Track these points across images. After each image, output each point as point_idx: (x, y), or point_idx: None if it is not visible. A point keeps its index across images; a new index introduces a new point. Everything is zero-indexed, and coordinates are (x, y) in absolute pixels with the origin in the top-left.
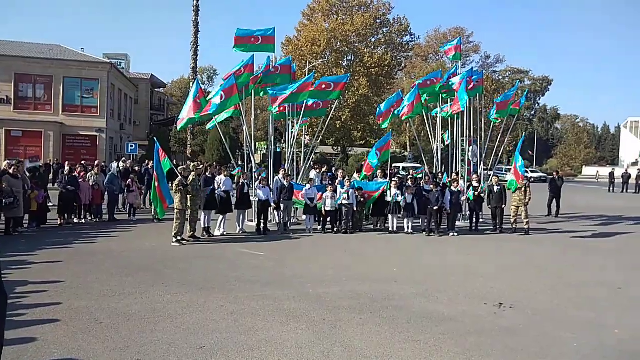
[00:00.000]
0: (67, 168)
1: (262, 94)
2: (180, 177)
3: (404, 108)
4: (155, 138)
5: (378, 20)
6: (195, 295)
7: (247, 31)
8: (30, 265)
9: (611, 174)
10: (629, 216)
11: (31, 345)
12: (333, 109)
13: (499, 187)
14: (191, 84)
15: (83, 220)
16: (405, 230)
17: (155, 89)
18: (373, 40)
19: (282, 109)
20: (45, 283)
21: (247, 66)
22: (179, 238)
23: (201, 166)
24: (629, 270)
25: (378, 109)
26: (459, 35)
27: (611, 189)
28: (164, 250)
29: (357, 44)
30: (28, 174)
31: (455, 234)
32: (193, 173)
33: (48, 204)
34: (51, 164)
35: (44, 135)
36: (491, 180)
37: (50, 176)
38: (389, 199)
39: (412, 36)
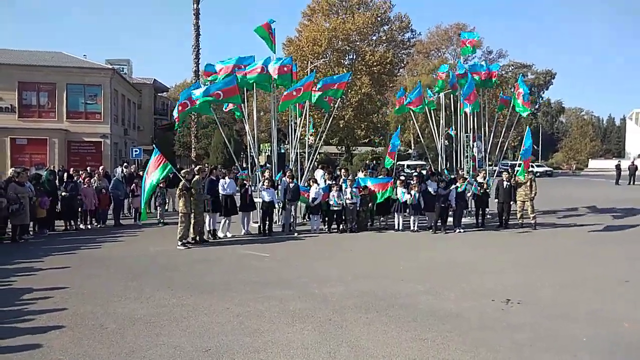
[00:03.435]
0: (66, 175)
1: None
2: (184, 180)
3: (411, 102)
4: (155, 144)
5: (379, 18)
6: (200, 298)
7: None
8: (37, 271)
9: (617, 167)
10: (637, 208)
11: (37, 352)
12: (335, 108)
13: (508, 183)
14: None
15: (89, 226)
16: (411, 228)
17: (158, 94)
18: (374, 38)
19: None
20: (51, 289)
21: (250, 69)
22: (184, 241)
23: (206, 169)
24: (637, 264)
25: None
26: (461, 31)
27: (618, 181)
28: (169, 254)
29: (358, 43)
30: (32, 182)
31: (462, 231)
32: (197, 176)
33: (56, 210)
34: (56, 170)
35: (49, 143)
36: (500, 176)
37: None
38: (395, 196)
39: (414, 33)
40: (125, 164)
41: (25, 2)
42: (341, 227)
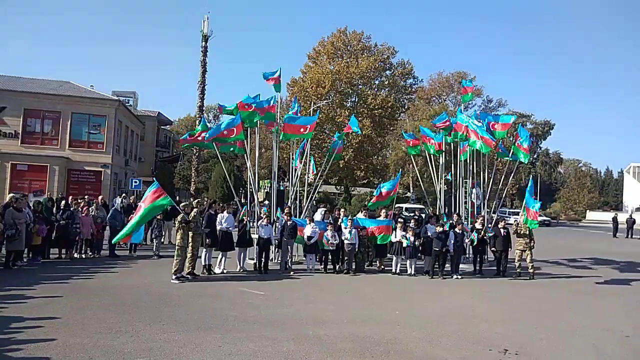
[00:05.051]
0: (63, 202)
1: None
2: (182, 213)
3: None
4: (155, 176)
5: (382, 64)
6: (192, 335)
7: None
8: (28, 299)
9: (614, 219)
10: (636, 261)
11: None
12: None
13: (505, 231)
14: (197, 122)
15: (83, 255)
16: (409, 271)
17: (162, 127)
18: (377, 82)
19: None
20: (41, 319)
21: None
22: (178, 275)
23: (205, 203)
24: (637, 317)
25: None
26: (462, 79)
27: (615, 234)
28: (163, 287)
29: (361, 86)
30: (31, 208)
31: (459, 277)
32: (195, 210)
33: (52, 238)
34: (54, 198)
35: (49, 170)
36: (496, 224)
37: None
38: (394, 239)
39: (415, 79)
40: (124, 194)
41: (40, 26)
42: (337, 267)
